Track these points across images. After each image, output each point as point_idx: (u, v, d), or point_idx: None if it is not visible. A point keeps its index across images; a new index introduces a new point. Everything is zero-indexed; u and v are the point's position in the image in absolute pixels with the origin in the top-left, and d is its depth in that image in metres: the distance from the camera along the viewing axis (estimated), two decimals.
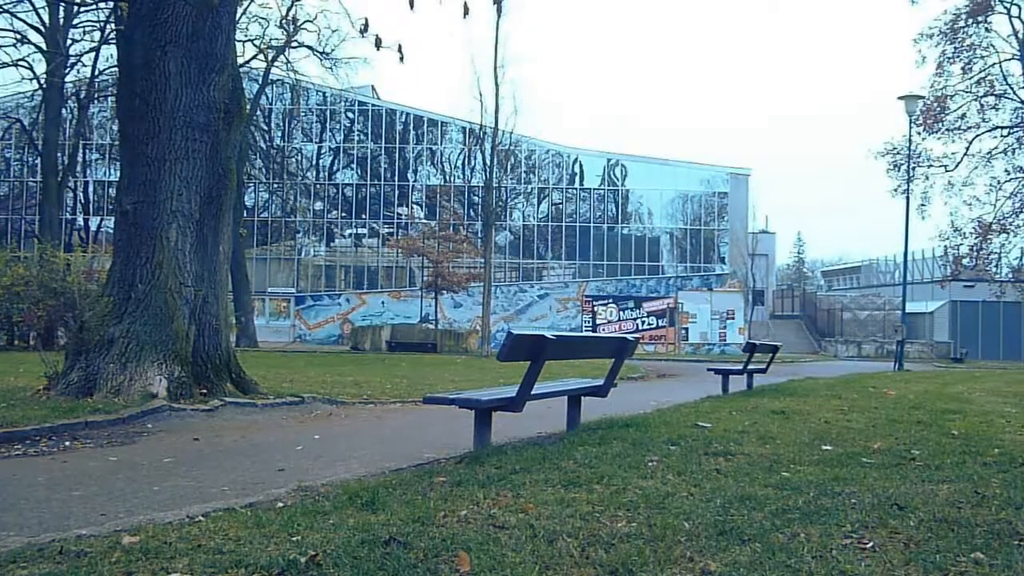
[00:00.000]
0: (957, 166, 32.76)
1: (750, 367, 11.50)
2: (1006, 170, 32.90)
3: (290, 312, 41.34)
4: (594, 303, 40.41)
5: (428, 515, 3.20)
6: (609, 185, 43.10)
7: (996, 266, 34.84)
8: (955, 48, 32.10)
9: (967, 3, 31.39)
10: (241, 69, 12.33)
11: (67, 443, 5.83)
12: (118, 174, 9.58)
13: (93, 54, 27.51)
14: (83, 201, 43.14)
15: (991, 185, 32.80)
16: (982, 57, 32.09)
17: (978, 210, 32.68)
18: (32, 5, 26.76)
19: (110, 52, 26.01)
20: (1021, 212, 32.20)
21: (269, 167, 41.88)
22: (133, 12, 8.32)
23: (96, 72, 27.58)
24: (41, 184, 30.50)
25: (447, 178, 43.28)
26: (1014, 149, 32.66)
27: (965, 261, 34.33)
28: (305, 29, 29.89)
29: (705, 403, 8.91)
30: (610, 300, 40.55)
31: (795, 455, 4.84)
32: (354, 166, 43.32)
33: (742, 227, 42.74)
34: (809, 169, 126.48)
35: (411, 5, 10.00)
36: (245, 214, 37.86)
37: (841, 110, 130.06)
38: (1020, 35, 31.63)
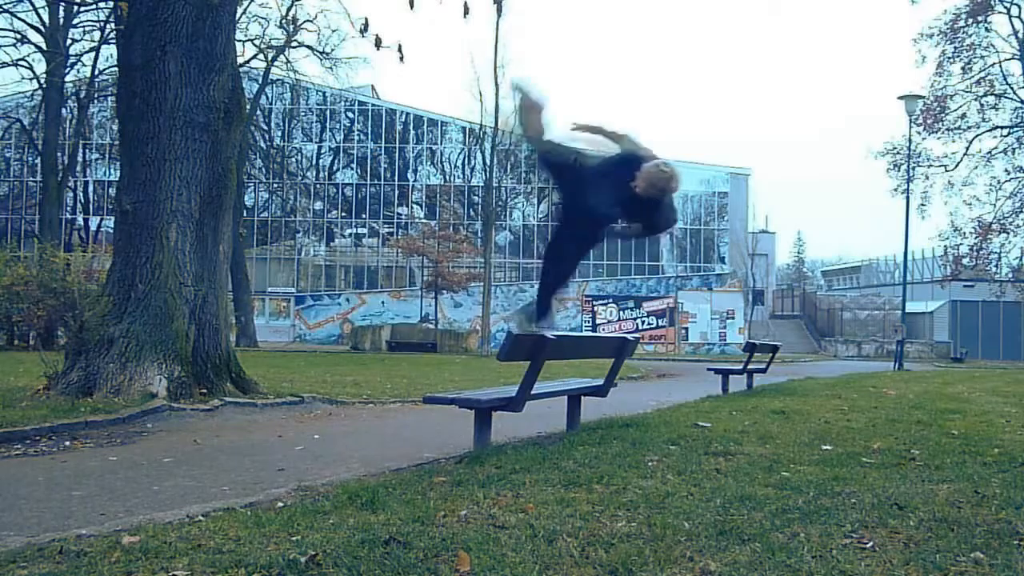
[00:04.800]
0: (957, 166, 32.83)
1: (750, 367, 11.50)
2: (1006, 170, 32.95)
3: (290, 312, 41.34)
4: (594, 303, 40.42)
5: (428, 515, 3.20)
6: None
7: (996, 266, 34.88)
8: (955, 48, 32.13)
9: (967, 3, 31.41)
10: (241, 69, 12.34)
11: (67, 443, 5.83)
12: (118, 174, 9.59)
13: (93, 54, 27.51)
14: (83, 201, 43.14)
15: (991, 185, 32.86)
16: (982, 57, 32.13)
17: (978, 210, 32.75)
18: (32, 5, 26.78)
19: (110, 52, 26.04)
20: (1021, 212, 32.22)
21: (269, 167, 41.88)
22: (133, 12, 8.32)
23: (96, 72, 27.58)
24: (41, 184, 30.49)
25: (447, 178, 43.28)
26: (1014, 149, 32.69)
27: (965, 261, 34.37)
28: (305, 29, 29.94)
29: (705, 403, 8.91)
30: (610, 300, 40.56)
31: (795, 455, 4.84)
32: (354, 166, 43.32)
33: (742, 227, 42.75)
34: (809, 168, 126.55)
35: (411, 5, 10.01)
36: (245, 214, 37.86)
37: (841, 110, 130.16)
38: (1020, 35, 31.64)
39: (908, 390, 11.80)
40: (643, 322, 39.76)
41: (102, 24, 25.66)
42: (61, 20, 27.28)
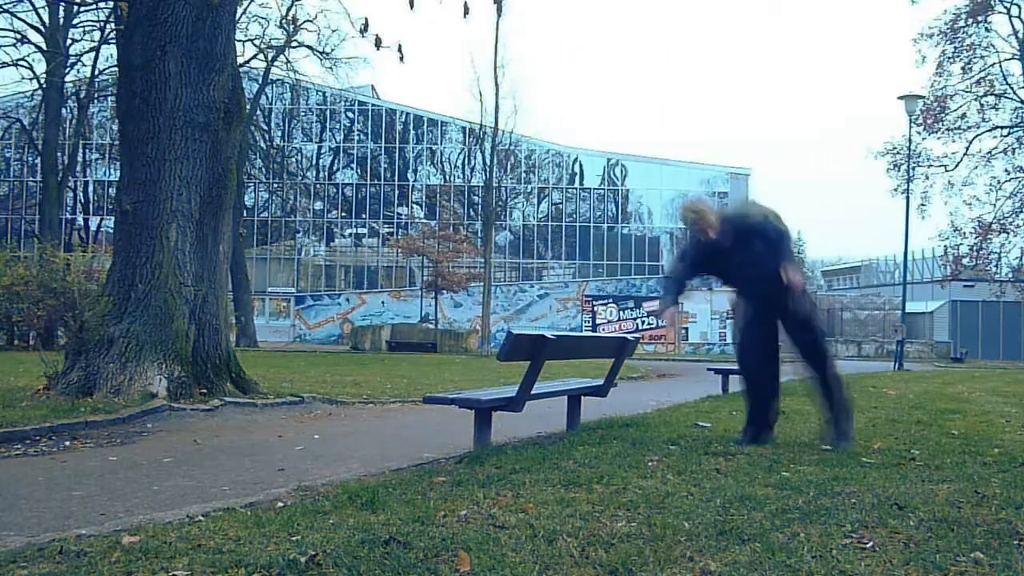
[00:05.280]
0: (957, 166, 32.84)
1: None
2: (1006, 170, 32.96)
3: (290, 312, 41.35)
4: (594, 303, 40.43)
5: (428, 515, 3.20)
6: (609, 185, 43.12)
7: (996, 266, 34.87)
8: (955, 48, 32.13)
9: (967, 3, 31.41)
10: (241, 69, 12.34)
11: (67, 443, 5.83)
12: (118, 174, 9.59)
13: (93, 54, 27.54)
14: (83, 201, 43.18)
15: (991, 185, 32.87)
16: (982, 57, 32.14)
17: (978, 210, 32.77)
18: (32, 5, 26.79)
19: (110, 52, 26.05)
20: (1021, 212, 32.23)
21: (269, 167, 41.90)
22: (133, 12, 8.32)
23: (96, 72, 27.60)
24: (41, 184, 30.51)
25: (447, 178, 43.30)
26: (1014, 149, 32.69)
27: (965, 261, 34.38)
28: (305, 29, 29.97)
29: (705, 403, 8.91)
30: (610, 300, 40.57)
31: (795, 455, 4.84)
32: (354, 166, 43.33)
33: None
34: (809, 168, 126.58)
35: (411, 5, 10.01)
36: (245, 214, 37.88)
37: (841, 110, 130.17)
38: (1020, 35, 31.64)
39: (908, 390, 11.79)
40: (643, 322, 39.77)
41: (102, 24, 25.69)
42: (61, 20, 27.29)
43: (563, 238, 42.58)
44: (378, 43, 10.55)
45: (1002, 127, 32.72)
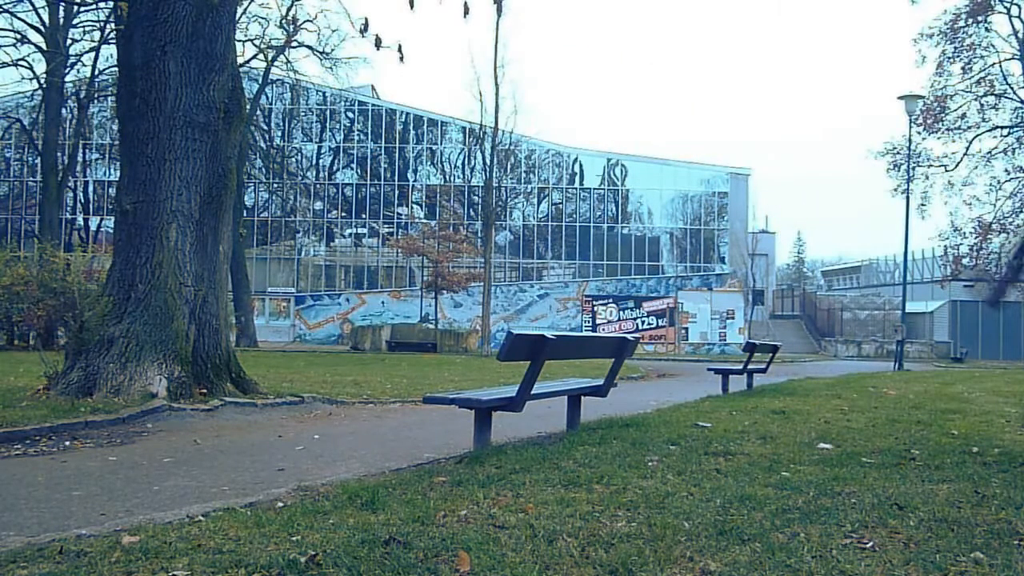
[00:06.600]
0: (957, 166, 32.82)
1: (750, 367, 11.49)
2: (1006, 170, 32.94)
3: (290, 312, 41.33)
4: (594, 303, 40.42)
5: (428, 515, 3.20)
6: (609, 185, 43.10)
7: (996, 266, 34.82)
8: (955, 48, 32.11)
9: (967, 3, 31.39)
10: (241, 69, 12.33)
11: (67, 443, 5.83)
12: (118, 174, 9.59)
13: (93, 54, 27.51)
14: (83, 201, 43.16)
15: (991, 185, 32.85)
16: (982, 57, 32.10)
17: (978, 210, 32.76)
18: (32, 5, 26.77)
19: (110, 52, 26.03)
20: (1021, 212, 32.21)
21: (269, 167, 41.88)
22: (133, 12, 8.32)
23: (96, 72, 27.58)
24: (41, 184, 30.49)
25: (447, 178, 43.28)
26: (1014, 149, 32.67)
27: (965, 261, 34.35)
28: (305, 29, 29.95)
29: (705, 403, 8.91)
30: (610, 300, 40.56)
31: (795, 455, 4.84)
32: (354, 166, 43.31)
33: (742, 227, 42.74)
34: (809, 168, 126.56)
35: (411, 5, 10.00)
36: (245, 214, 37.86)
37: (841, 110, 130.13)
38: (1020, 35, 31.63)
39: (908, 390, 11.79)
40: (643, 322, 39.76)
41: (102, 24, 25.65)
42: (61, 20, 27.27)
43: (563, 238, 42.56)
44: (378, 43, 10.54)
45: (1002, 127, 32.71)
